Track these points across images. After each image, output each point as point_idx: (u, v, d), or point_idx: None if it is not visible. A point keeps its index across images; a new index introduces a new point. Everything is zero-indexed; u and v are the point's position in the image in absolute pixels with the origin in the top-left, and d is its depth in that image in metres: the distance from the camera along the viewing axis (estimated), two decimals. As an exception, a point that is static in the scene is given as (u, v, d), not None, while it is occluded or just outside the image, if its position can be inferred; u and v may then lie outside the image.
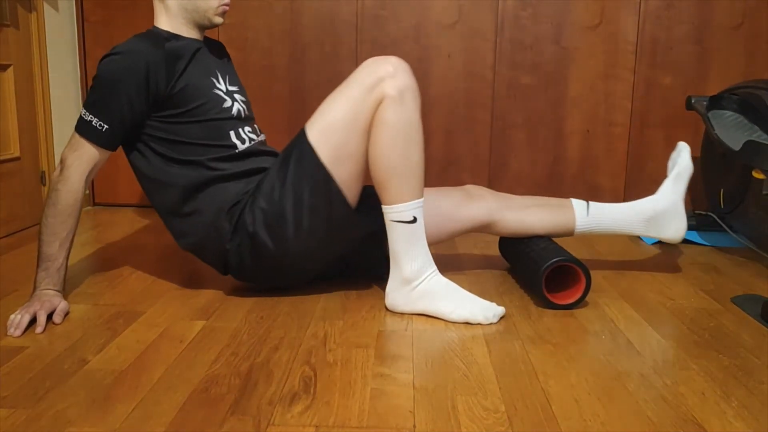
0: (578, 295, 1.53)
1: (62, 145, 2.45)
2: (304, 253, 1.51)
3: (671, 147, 2.53)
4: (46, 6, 2.35)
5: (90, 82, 2.59)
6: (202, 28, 1.59)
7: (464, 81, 2.52)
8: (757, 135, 2.02)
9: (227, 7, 1.59)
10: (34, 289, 1.44)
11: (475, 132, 2.56)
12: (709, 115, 2.14)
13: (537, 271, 1.52)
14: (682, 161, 1.76)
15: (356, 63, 2.51)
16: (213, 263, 1.58)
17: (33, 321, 1.37)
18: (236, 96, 1.61)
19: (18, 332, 1.33)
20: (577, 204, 1.70)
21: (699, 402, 1.10)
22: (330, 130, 1.44)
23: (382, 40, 2.50)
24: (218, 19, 1.58)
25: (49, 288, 1.44)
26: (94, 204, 2.65)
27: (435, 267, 1.48)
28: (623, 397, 1.11)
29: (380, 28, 2.50)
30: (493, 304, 1.45)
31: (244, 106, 1.62)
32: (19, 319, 1.35)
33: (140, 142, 1.51)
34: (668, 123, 2.52)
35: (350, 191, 1.47)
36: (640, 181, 2.57)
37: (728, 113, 2.14)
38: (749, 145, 1.87)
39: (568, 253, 1.55)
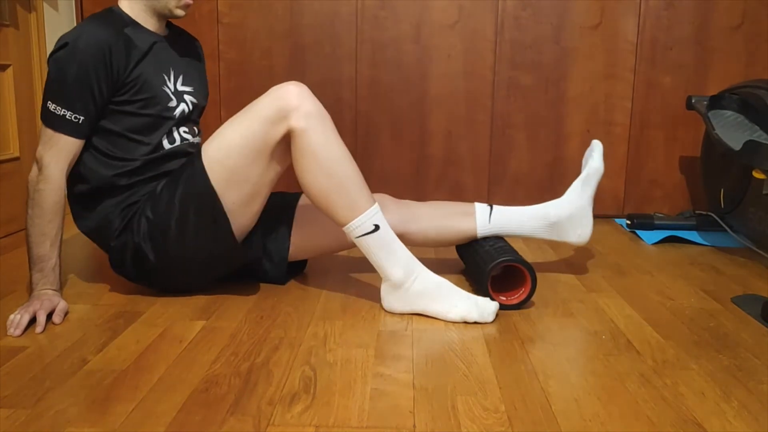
0: (524, 296, 1.53)
1: (62, 145, 2.44)
2: (184, 269, 1.53)
3: (671, 147, 2.54)
4: (45, 6, 2.35)
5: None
6: (162, 17, 1.56)
7: (464, 81, 2.52)
8: (757, 135, 2.02)
9: (190, 2, 1.55)
10: (31, 290, 1.43)
11: (475, 132, 2.56)
12: (710, 114, 2.14)
13: (482, 275, 1.53)
14: (592, 162, 1.73)
15: (356, 63, 2.52)
16: (106, 253, 1.58)
17: (33, 321, 1.37)
18: (185, 97, 1.59)
19: (18, 332, 1.33)
20: (480, 210, 1.69)
21: (699, 402, 1.10)
22: (224, 154, 1.44)
23: (382, 40, 2.50)
24: (179, 12, 1.55)
25: (47, 288, 1.44)
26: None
27: (420, 264, 1.47)
28: (623, 397, 1.11)
29: (380, 28, 2.50)
30: (487, 300, 1.45)
31: (190, 107, 1.60)
32: (18, 319, 1.35)
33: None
34: (668, 123, 2.52)
35: (239, 216, 1.48)
36: (640, 181, 2.57)
37: (728, 113, 2.14)
38: (749, 145, 1.87)
39: (515, 252, 1.56)
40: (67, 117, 1.43)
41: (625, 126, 2.53)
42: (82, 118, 1.44)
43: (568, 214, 1.69)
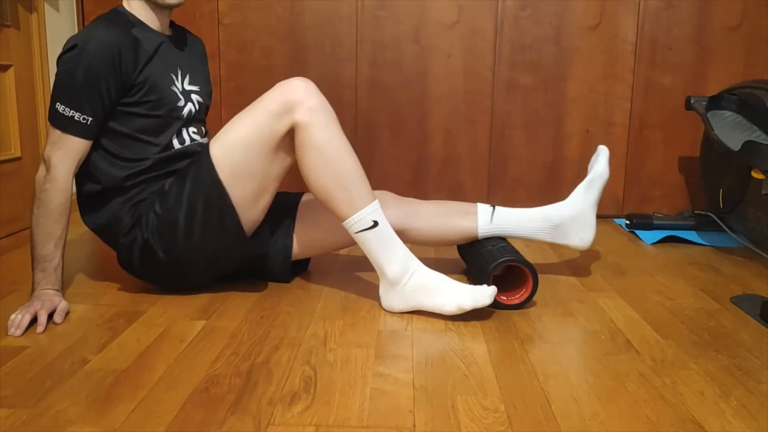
0: (526, 295, 1.53)
1: (62, 145, 2.45)
2: (192, 264, 1.53)
3: (671, 147, 2.54)
4: (46, 6, 2.35)
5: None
6: (161, 9, 1.54)
7: (464, 81, 2.53)
8: (757, 135, 2.02)
9: None
10: (33, 290, 1.44)
11: (475, 132, 2.56)
12: (709, 115, 2.14)
13: (484, 274, 1.53)
14: (598, 167, 1.72)
15: (356, 63, 2.52)
16: (112, 248, 1.59)
17: (33, 321, 1.38)
18: (192, 96, 1.60)
19: (19, 332, 1.33)
20: (483, 210, 1.69)
21: (698, 402, 1.10)
22: (231, 148, 1.46)
23: (382, 40, 2.51)
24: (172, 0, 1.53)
25: (49, 288, 1.44)
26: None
27: (417, 261, 1.48)
28: (623, 396, 1.11)
29: (380, 28, 2.50)
30: (483, 287, 1.44)
31: (197, 106, 1.61)
32: (19, 318, 1.35)
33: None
34: (668, 123, 2.53)
35: (248, 211, 1.49)
36: (640, 181, 2.57)
37: (727, 113, 2.15)
38: (749, 145, 1.87)
39: (517, 252, 1.56)
40: (75, 118, 1.43)
41: (624, 126, 2.54)
42: (90, 119, 1.44)
43: (570, 217, 1.69)
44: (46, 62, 2.34)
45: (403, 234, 1.65)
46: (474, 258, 1.66)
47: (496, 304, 1.52)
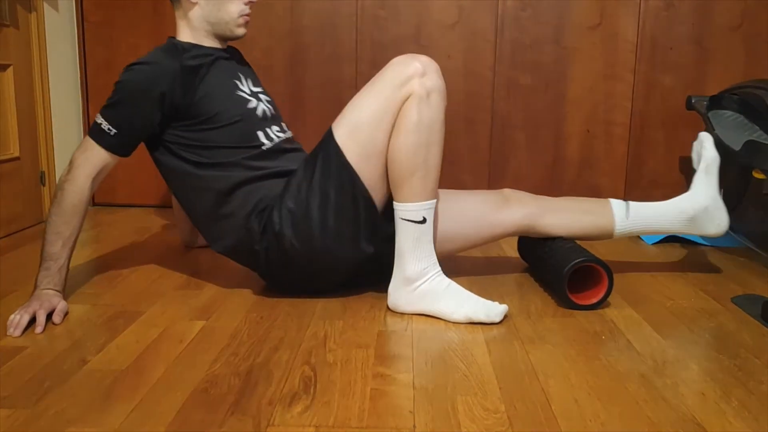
0: (601, 295, 1.53)
1: (62, 145, 2.45)
2: (330, 254, 1.50)
3: (671, 147, 2.54)
4: (46, 6, 2.35)
5: (90, 83, 2.60)
6: (224, 39, 1.61)
7: (464, 81, 2.52)
8: (757, 135, 2.02)
9: (248, 18, 1.60)
10: (35, 288, 1.44)
11: (475, 132, 2.56)
12: (709, 115, 2.14)
13: (560, 273, 1.52)
14: (707, 153, 1.74)
15: (356, 63, 2.52)
16: (249, 265, 1.58)
17: (33, 321, 1.37)
18: (261, 96, 1.62)
19: (18, 332, 1.33)
20: (617, 205, 1.69)
21: (699, 402, 1.10)
22: (357, 128, 1.44)
23: (382, 40, 2.50)
24: (240, 30, 1.60)
25: (49, 288, 1.44)
26: (94, 204, 2.65)
27: (439, 268, 1.47)
28: (623, 397, 1.11)
29: (380, 28, 2.50)
30: (496, 303, 1.44)
31: (269, 106, 1.63)
32: (18, 319, 1.35)
33: (168, 151, 1.52)
34: (668, 123, 2.52)
35: (378, 190, 1.47)
36: (640, 181, 2.57)
37: (728, 113, 2.15)
38: (749, 145, 1.87)
39: (590, 253, 1.55)
40: (102, 126, 1.47)
41: (625, 126, 2.53)
42: (114, 131, 1.47)
43: (703, 207, 1.69)
44: (45, 62, 2.34)
45: (536, 228, 1.65)
46: (544, 259, 1.64)
47: (572, 305, 1.52)
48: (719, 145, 2.00)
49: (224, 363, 1.22)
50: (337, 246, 1.49)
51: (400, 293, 1.48)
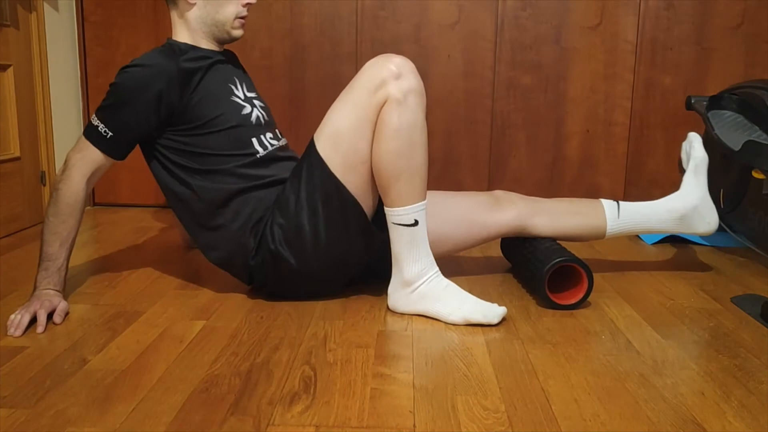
0: (581, 295, 1.53)
1: (62, 145, 2.45)
2: (326, 266, 1.50)
3: (671, 147, 2.54)
4: (46, 6, 2.35)
5: (90, 83, 2.60)
6: (221, 41, 1.60)
7: (464, 81, 2.53)
8: (757, 135, 2.02)
9: (244, 20, 1.59)
10: (35, 288, 1.44)
11: (475, 132, 2.56)
12: (709, 115, 2.14)
13: (539, 272, 1.52)
14: (696, 153, 1.75)
15: (356, 63, 2.52)
16: (240, 277, 1.57)
17: (33, 321, 1.37)
18: (255, 102, 1.61)
19: (18, 332, 1.33)
20: (608, 205, 1.69)
21: (699, 402, 1.10)
22: (338, 138, 1.43)
23: (382, 40, 2.50)
24: (237, 32, 1.59)
25: (49, 288, 1.44)
26: (94, 204, 2.65)
27: (437, 269, 1.47)
28: (623, 397, 1.11)
29: (380, 28, 2.50)
30: (494, 305, 1.44)
31: (263, 112, 1.62)
32: (19, 319, 1.35)
33: (162, 156, 1.51)
34: (668, 123, 2.52)
35: (366, 197, 1.46)
36: (640, 181, 2.57)
37: (728, 113, 2.14)
38: (749, 145, 1.87)
39: (570, 253, 1.55)
40: (98, 129, 1.47)
41: (625, 126, 2.54)
42: (111, 134, 1.46)
43: (693, 206, 1.71)
44: (45, 62, 2.34)
45: (528, 229, 1.66)
46: (526, 258, 1.64)
47: (551, 305, 1.52)
48: (719, 144, 2.01)
49: (224, 363, 1.22)
50: (333, 258, 1.49)
51: (400, 294, 1.48)
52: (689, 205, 1.71)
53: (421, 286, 1.45)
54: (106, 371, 1.18)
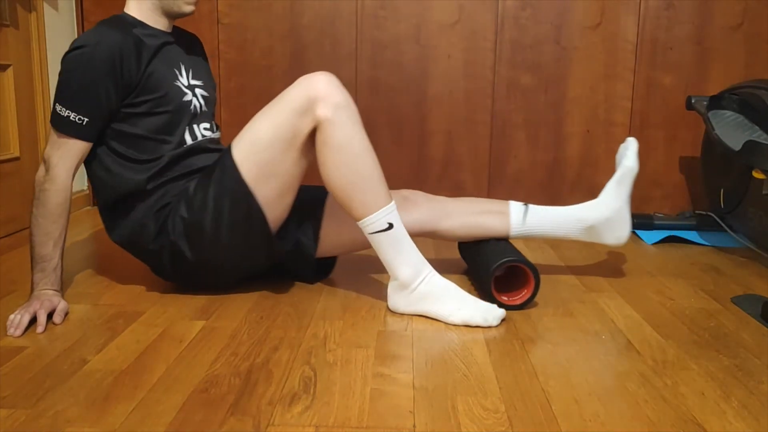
0: (528, 295, 1.53)
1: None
2: (222, 265, 1.54)
3: (671, 147, 2.54)
4: (46, 6, 2.35)
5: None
6: (171, 16, 1.57)
7: (464, 81, 2.52)
8: (757, 135, 2.02)
9: None
10: (32, 290, 1.43)
11: (475, 132, 2.56)
12: (709, 115, 2.14)
13: (487, 272, 1.53)
14: (626, 161, 1.70)
15: (356, 63, 2.52)
16: (145, 261, 1.59)
17: (33, 321, 1.37)
18: (197, 90, 1.60)
19: (18, 332, 1.33)
20: (515, 209, 1.67)
21: (699, 402, 1.10)
22: (255, 148, 1.44)
23: (382, 40, 2.50)
24: (188, 8, 1.56)
25: (48, 288, 1.43)
26: (94, 204, 2.65)
27: (429, 267, 1.47)
28: (623, 397, 1.11)
29: (380, 28, 2.50)
30: (494, 306, 1.44)
31: (202, 101, 1.61)
32: (19, 319, 1.35)
33: (102, 144, 1.50)
34: (668, 123, 2.52)
35: (273, 210, 1.48)
36: (640, 181, 2.57)
37: (728, 113, 2.14)
38: (749, 145, 1.87)
39: (518, 252, 1.56)
40: (71, 119, 1.43)
41: (625, 126, 2.53)
42: (86, 119, 1.44)
43: (605, 218, 1.66)
44: (45, 62, 2.34)
45: (433, 234, 1.66)
46: (475, 259, 1.65)
47: (497, 305, 1.51)
48: (719, 144, 2.01)
49: (224, 363, 1.22)
50: (230, 260, 1.53)
51: (398, 296, 1.48)
52: (601, 216, 1.66)
53: (419, 286, 1.45)
54: (106, 371, 1.18)
